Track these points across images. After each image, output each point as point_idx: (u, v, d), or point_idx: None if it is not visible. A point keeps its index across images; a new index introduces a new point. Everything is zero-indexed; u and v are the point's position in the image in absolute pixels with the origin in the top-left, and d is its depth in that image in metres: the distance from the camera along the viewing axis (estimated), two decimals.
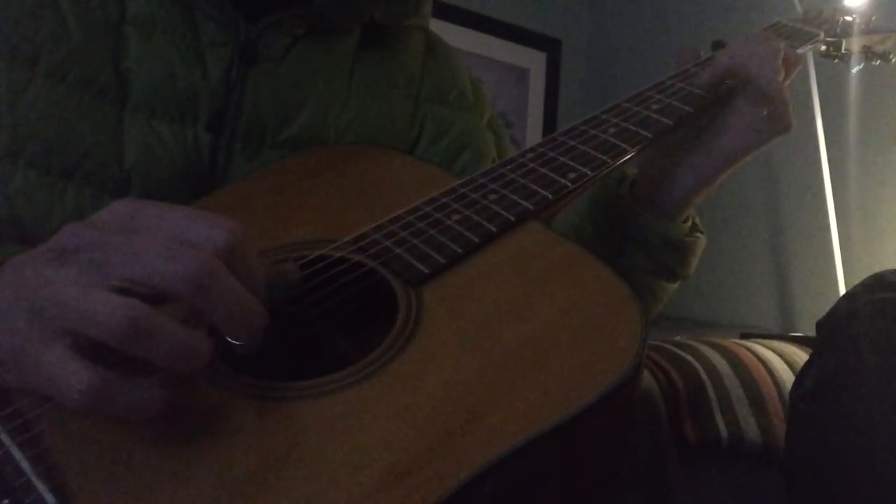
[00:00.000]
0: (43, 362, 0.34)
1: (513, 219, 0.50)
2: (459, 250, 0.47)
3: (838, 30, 0.79)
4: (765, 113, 0.60)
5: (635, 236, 0.66)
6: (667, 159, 0.64)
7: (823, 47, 0.80)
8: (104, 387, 0.33)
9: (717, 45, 0.66)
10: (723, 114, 0.62)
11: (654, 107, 0.60)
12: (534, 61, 2.15)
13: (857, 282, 0.70)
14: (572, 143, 0.57)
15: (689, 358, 1.06)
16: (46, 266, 0.36)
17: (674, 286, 0.70)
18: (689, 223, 0.68)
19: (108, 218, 0.38)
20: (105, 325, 0.33)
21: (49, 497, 0.33)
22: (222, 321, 0.36)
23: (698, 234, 0.68)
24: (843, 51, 0.80)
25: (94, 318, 0.33)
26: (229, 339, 0.38)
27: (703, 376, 1.03)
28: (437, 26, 0.77)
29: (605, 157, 0.55)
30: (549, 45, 2.17)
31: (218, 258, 0.36)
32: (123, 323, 0.33)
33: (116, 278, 0.35)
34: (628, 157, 0.56)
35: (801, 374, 0.72)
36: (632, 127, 0.58)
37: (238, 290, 0.36)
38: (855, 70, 0.81)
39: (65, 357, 0.33)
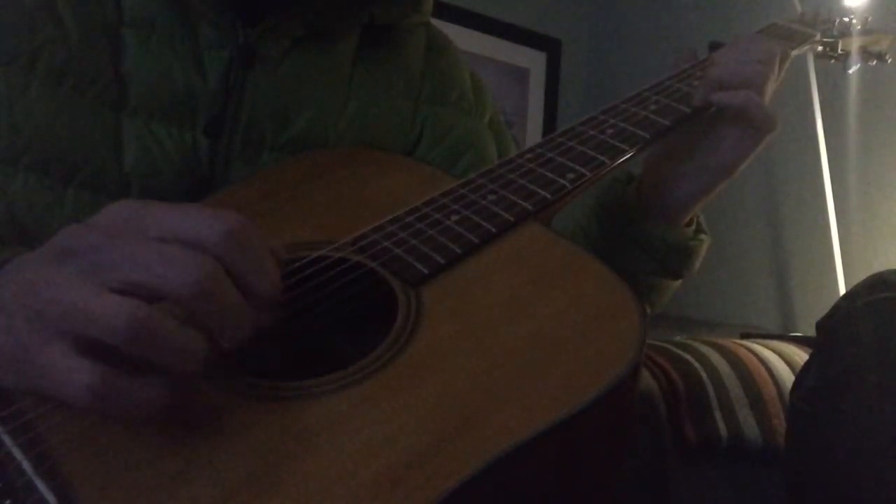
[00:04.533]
0: (43, 360, 0.34)
1: (512, 219, 0.50)
2: (459, 251, 0.47)
3: (835, 30, 0.79)
4: (749, 125, 0.61)
5: (639, 238, 0.67)
6: (666, 169, 0.65)
7: (820, 48, 0.80)
8: (107, 384, 0.33)
9: (714, 47, 0.66)
10: (713, 131, 0.63)
11: (652, 107, 0.60)
12: (534, 61, 2.15)
13: (857, 282, 0.70)
14: (571, 143, 0.57)
15: (689, 358, 1.06)
16: (46, 267, 0.36)
17: (677, 283, 0.71)
18: (694, 225, 0.69)
19: (109, 220, 0.38)
20: (110, 324, 0.33)
21: (50, 497, 0.33)
22: (217, 325, 0.36)
23: (702, 237, 0.69)
24: (839, 51, 0.80)
25: (98, 318, 0.33)
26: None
27: (703, 376, 1.03)
28: (437, 26, 0.77)
29: (603, 158, 0.55)
30: (549, 45, 2.17)
31: (222, 258, 0.36)
32: (129, 323, 0.33)
33: (117, 281, 0.35)
34: (626, 157, 0.56)
35: (801, 374, 0.72)
36: (630, 127, 0.58)
37: (236, 298, 0.37)
38: (851, 70, 0.81)
39: (66, 355, 0.33)
